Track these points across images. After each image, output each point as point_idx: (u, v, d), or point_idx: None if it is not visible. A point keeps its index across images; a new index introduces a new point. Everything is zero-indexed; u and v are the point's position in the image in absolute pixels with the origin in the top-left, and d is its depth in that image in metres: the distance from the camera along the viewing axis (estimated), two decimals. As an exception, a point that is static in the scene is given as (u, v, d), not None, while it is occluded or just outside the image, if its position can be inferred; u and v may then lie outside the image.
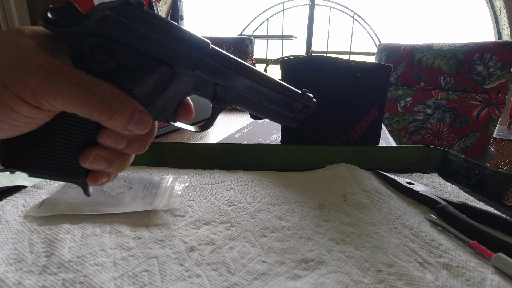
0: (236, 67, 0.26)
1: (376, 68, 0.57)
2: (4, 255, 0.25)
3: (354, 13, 2.46)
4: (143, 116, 0.21)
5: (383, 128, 0.83)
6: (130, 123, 0.21)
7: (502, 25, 2.22)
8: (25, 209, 0.33)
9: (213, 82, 0.25)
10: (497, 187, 0.42)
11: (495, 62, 1.33)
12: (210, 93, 0.26)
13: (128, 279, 0.24)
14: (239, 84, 0.27)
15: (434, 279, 0.25)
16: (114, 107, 0.20)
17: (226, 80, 0.26)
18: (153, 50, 0.21)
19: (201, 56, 0.24)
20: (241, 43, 2.11)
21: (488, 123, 1.36)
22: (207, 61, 0.24)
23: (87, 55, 0.20)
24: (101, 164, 0.22)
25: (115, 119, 0.20)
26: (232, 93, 0.27)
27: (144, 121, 0.22)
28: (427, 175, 0.50)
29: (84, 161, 0.22)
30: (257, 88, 0.28)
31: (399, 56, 1.58)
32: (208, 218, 0.34)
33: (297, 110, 0.32)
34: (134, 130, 0.21)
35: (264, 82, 0.28)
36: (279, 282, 0.24)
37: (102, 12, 0.19)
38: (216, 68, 0.25)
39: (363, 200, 0.39)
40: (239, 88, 0.27)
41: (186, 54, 0.23)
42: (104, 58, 0.20)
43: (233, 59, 0.26)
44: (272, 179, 0.46)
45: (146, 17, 0.21)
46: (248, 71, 0.27)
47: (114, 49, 0.20)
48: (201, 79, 0.25)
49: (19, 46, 0.18)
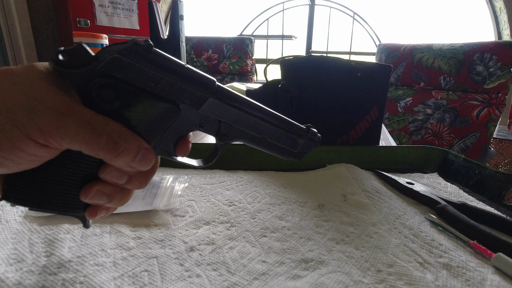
0: (241, 104, 0.26)
1: (376, 68, 0.57)
2: (4, 255, 0.25)
3: (354, 13, 2.46)
4: (147, 154, 0.22)
5: (383, 128, 0.83)
6: (134, 161, 0.21)
7: (502, 25, 2.22)
8: (25, 209, 0.33)
9: (217, 119, 0.26)
10: (497, 187, 0.42)
11: (495, 62, 1.33)
12: (214, 130, 0.26)
13: (128, 279, 0.24)
14: (243, 122, 0.27)
15: (434, 279, 0.25)
16: (120, 147, 0.20)
17: (230, 118, 0.26)
18: (159, 90, 0.22)
19: (206, 94, 0.24)
20: (241, 43, 2.11)
21: (488, 123, 1.36)
22: (212, 100, 0.24)
23: (94, 95, 0.20)
24: (101, 199, 0.22)
25: (120, 158, 0.20)
26: (235, 130, 0.27)
27: (148, 158, 0.22)
28: (427, 175, 0.50)
29: (84, 196, 0.22)
30: (261, 125, 0.28)
31: (399, 56, 1.58)
32: (208, 218, 0.34)
33: (301, 146, 0.31)
34: (137, 167, 0.22)
35: (268, 119, 0.28)
36: (279, 282, 0.24)
37: (112, 55, 0.20)
38: (221, 106, 0.25)
39: (363, 200, 0.39)
40: (243, 125, 0.27)
41: (192, 92, 0.23)
42: (111, 97, 0.21)
43: (238, 96, 0.26)
44: (272, 179, 0.46)
45: (154, 58, 0.21)
46: (252, 108, 0.27)
47: (121, 89, 0.21)
48: (206, 116, 0.25)
49: (32, 84, 0.18)
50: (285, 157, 0.32)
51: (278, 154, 0.31)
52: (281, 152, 0.31)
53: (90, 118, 0.19)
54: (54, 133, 0.18)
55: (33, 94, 0.18)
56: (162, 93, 0.22)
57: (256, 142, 0.29)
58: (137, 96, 0.21)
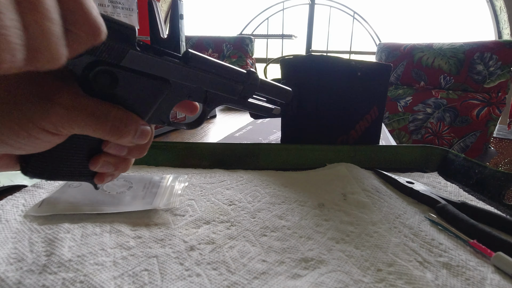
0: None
1: (376, 67, 0.57)
2: (4, 254, 0.25)
3: (354, 12, 2.46)
4: (144, 129, 0.25)
5: (383, 128, 0.83)
6: (134, 138, 0.24)
7: (503, 24, 2.21)
8: (25, 208, 0.33)
9: (204, 90, 0.29)
10: (497, 186, 0.42)
11: (495, 61, 1.33)
12: (202, 98, 0.30)
13: (128, 278, 0.24)
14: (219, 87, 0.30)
15: (434, 278, 0.25)
16: (122, 130, 0.23)
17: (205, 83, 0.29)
18: (150, 70, 0.24)
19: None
20: (241, 42, 2.11)
21: (488, 122, 1.36)
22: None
23: (91, 81, 0.22)
24: (108, 168, 0.26)
25: (122, 138, 0.24)
26: (220, 96, 0.31)
27: (145, 133, 0.25)
28: (427, 174, 0.50)
29: (93, 167, 0.25)
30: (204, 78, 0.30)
31: (399, 55, 1.58)
32: (208, 218, 0.34)
33: (240, 92, 0.33)
34: (137, 142, 0.25)
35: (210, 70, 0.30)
36: (279, 281, 0.24)
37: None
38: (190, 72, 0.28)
39: (363, 199, 0.39)
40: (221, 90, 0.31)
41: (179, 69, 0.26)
42: (107, 82, 0.23)
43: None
44: (272, 178, 0.46)
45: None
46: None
47: (116, 73, 0.23)
48: (193, 88, 0.28)
49: (38, 81, 0.20)
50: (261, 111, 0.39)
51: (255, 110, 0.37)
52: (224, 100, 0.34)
53: (94, 108, 0.22)
54: (66, 125, 0.21)
55: (39, 92, 0.20)
56: (153, 72, 0.25)
57: (235, 104, 0.34)
58: (131, 77, 0.24)
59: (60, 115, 0.20)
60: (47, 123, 0.20)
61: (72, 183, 0.37)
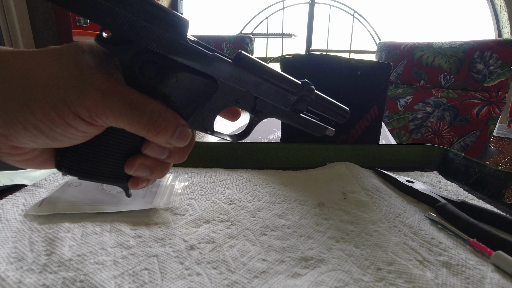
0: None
1: (376, 66, 0.57)
2: (5, 253, 0.26)
3: (354, 11, 2.46)
4: (184, 130, 0.23)
5: (383, 127, 0.83)
6: (172, 138, 0.23)
7: (503, 23, 2.21)
8: (25, 207, 0.33)
9: (253, 95, 0.27)
10: (497, 185, 0.42)
11: (495, 60, 1.33)
12: (250, 106, 0.27)
13: (129, 277, 0.24)
14: (270, 94, 0.28)
15: (434, 277, 0.25)
16: (160, 126, 0.22)
17: (258, 89, 0.27)
18: (199, 66, 0.23)
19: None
20: (241, 41, 2.11)
21: (488, 121, 1.36)
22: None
23: (137, 70, 0.21)
24: (144, 172, 0.24)
25: (160, 135, 0.22)
26: (270, 106, 0.28)
27: (185, 135, 0.23)
28: (427, 174, 0.50)
29: (129, 169, 0.24)
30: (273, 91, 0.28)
31: (399, 54, 1.58)
32: (208, 217, 0.34)
33: (293, 103, 0.30)
34: (175, 144, 0.23)
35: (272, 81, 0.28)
36: (279, 280, 0.25)
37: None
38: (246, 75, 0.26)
39: (363, 198, 0.39)
40: (272, 99, 0.28)
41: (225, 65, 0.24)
42: (152, 73, 0.21)
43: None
44: (272, 177, 0.46)
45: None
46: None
47: (163, 65, 0.22)
48: (242, 92, 0.26)
49: (79, 64, 0.19)
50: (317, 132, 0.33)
51: (310, 129, 0.33)
52: (312, 127, 0.32)
53: (132, 98, 0.21)
54: (100, 112, 0.19)
55: (79, 75, 0.19)
56: (202, 69, 0.23)
57: (286, 117, 0.30)
58: (177, 72, 0.22)
59: (96, 100, 0.19)
60: (82, 108, 0.19)
61: (72, 182, 0.37)
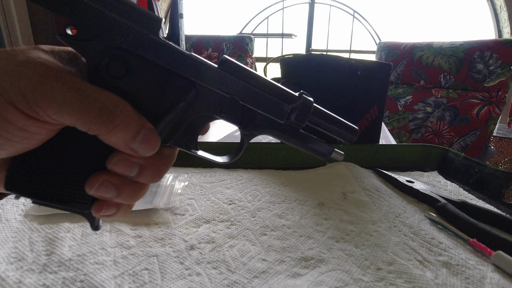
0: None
1: (376, 66, 0.57)
2: (5, 253, 0.26)
3: (354, 11, 2.46)
4: (150, 135, 0.19)
5: (383, 127, 0.83)
6: (134, 140, 0.18)
7: (503, 23, 2.21)
8: (25, 208, 0.33)
9: (240, 103, 0.23)
10: (497, 185, 0.42)
11: (495, 60, 1.33)
12: (238, 117, 0.23)
13: (129, 277, 0.24)
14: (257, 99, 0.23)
15: (434, 277, 0.25)
16: (117, 118, 0.17)
17: (244, 93, 0.23)
18: (174, 65, 0.20)
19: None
20: (241, 41, 2.11)
21: (488, 121, 1.36)
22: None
23: (103, 68, 0.19)
24: (109, 191, 0.19)
25: (117, 132, 0.17)
26: (261, 117, 0.24)
27: (151, 140, 0.19)
28: (427, 174, 0.50)
29: (90, 187, 0.19)
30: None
31: (399, 54, 1.58)
32: (208, 217, 0.34)
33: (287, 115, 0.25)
34: (138, 150, 0.19)
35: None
36: (279, 280, 0.25)
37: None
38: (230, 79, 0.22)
39: (363, 198, 0.39)
40: (261, 107, 0.24)
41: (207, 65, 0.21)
42: (121, 73, 0.19)
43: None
44: (272, 177, 0.46)
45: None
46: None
47: (132, 64, 0.19)
48: (225, 99, 0.22)
49: (24, 51, 0.16)
50: (319, 154, 0.29)
51: (310, 150, 0.29)
52: (312, 148, 0.28)
53: (81, 85, 0.16)
54: (38, 97, 0.15)
55: (21, 60, 0.16)
56: (178, 69, 0.20)
57: (282, 132, 0.26)
58: (149, 72, 0.19)
59: (33, 83, 0.15)
60: (16, 94, 0.15)
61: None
